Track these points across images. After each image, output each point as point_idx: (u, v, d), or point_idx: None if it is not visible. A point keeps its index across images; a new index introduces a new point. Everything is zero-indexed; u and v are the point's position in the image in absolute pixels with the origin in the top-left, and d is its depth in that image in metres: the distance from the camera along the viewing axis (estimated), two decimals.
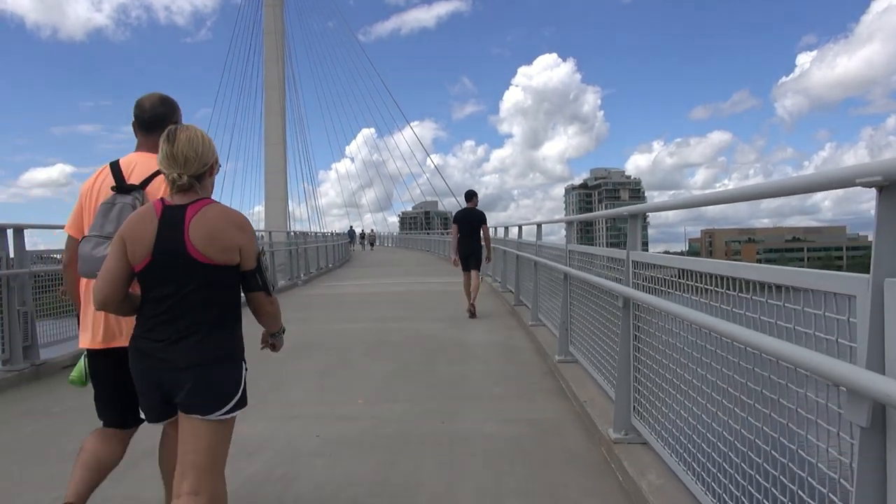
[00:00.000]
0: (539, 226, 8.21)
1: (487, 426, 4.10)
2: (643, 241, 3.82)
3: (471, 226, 9.51)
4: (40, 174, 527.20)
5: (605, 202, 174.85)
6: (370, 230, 55.74)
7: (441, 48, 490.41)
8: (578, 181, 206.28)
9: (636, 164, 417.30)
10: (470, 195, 9.81)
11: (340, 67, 72.05)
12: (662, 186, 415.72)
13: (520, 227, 9.92)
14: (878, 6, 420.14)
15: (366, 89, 60.26)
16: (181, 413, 2.03)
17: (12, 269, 5.87)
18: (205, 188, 2.08)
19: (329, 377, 5.65)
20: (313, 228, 45.00)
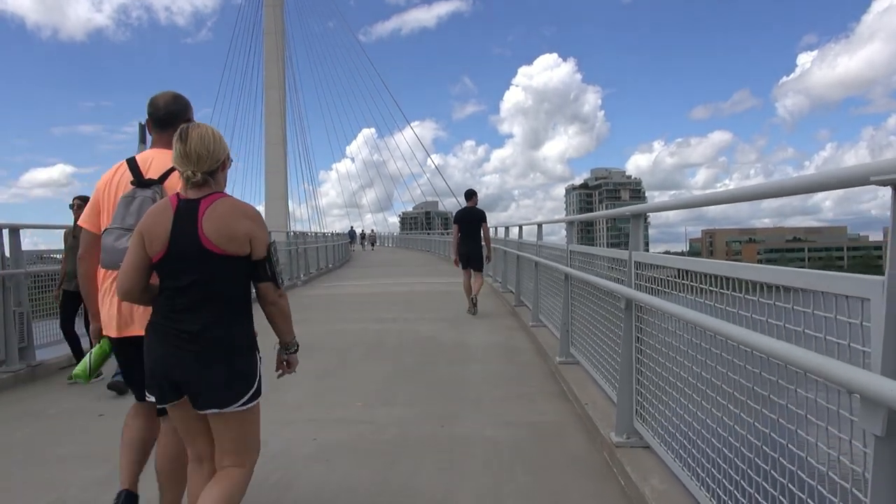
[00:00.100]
0: (540, 226, 8.19)
1: (488, 429, 4.05)
2: (644, 242, 3.77)
3: (471, 225, 9.54)
4: (41, 174, 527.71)
5: (606, 202, 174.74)
6: (371, 230, 55.87)
7: (441, 48, 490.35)
8: (579, 181, 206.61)
9: (637, 165, 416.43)
10: (470, 194, 9.83)
11: (341, 67, 72.11)
12: (663, 186, 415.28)
13: (520, 228, 9.89)
14: (879, 6, 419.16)
15: (366, 89, 60.36)
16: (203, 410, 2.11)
17: (8, 270, 5.82)
18: (218, 183, 2.17)
19: (327, 379, 5.60)
20: (314, 228, 45.05)
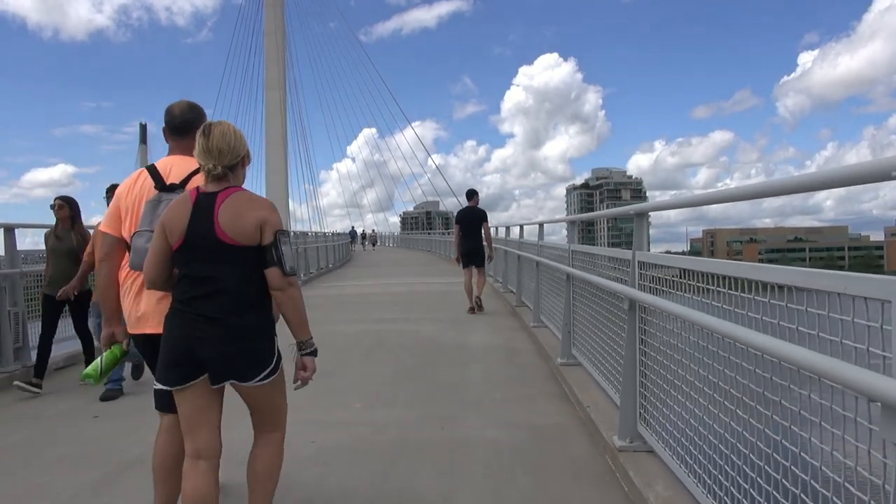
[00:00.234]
0: (541, 225, 8.14)
1: (488, 432, 3.99)
2: (647, 241, 3.70)
3: (472, 225, 9.57)
4: (42, 175, 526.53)
5: (607, 202, 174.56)
6: (371, 230, 55.88)
7: (442, 48, 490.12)
8: (580, 181, 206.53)
9: (638, 164, 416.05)
10: (471, 194, 9.85)
11: (341, 68, 72.25)
12: (664, 186, 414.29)
13: (521, 227, 9.84)
14: (880, 5, 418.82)
15: (367, 89, 60.27)
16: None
17: (3, 270, 5.76)
18: (237, 178, 2.29)
19: (326, 380, 5.50)
20: (314, 228, 45.05)
